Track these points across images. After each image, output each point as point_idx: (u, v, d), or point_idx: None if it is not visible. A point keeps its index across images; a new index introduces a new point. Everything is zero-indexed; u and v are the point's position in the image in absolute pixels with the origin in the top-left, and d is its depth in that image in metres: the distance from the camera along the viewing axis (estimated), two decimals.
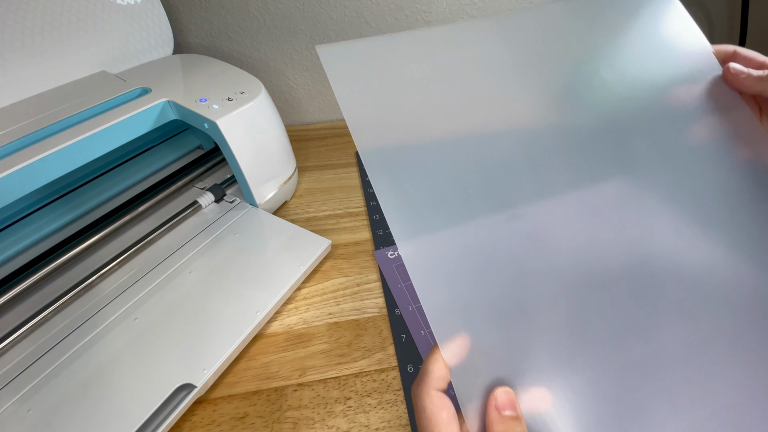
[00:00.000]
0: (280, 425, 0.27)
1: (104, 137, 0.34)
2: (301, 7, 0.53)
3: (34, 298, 0.33)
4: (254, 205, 0.41)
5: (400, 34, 0.22)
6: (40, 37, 0.37)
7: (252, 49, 0.55)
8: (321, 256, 0.37)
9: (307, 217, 0.44)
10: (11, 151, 0.30)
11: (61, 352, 0.29)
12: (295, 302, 0.35)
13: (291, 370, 0.30)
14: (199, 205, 0.41)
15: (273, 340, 0.32)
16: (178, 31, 0.52)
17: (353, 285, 0.37)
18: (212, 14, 0.52)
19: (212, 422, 0.28)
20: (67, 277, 0.35)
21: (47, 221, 0.38)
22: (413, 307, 0.34)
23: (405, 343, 0.32)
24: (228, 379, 0.30)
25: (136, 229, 0.40)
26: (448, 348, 0.17)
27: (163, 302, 0.33)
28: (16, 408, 0.26)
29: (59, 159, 0.31)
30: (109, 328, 0.31)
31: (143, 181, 0.44)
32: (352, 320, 0.34)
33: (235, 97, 0.38)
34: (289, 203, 0.46)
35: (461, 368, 0.17)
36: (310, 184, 0.49)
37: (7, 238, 0.36)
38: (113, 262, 0.35)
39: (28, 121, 0.33)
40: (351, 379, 0.30)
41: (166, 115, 0.38)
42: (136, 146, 0.46)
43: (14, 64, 0.36)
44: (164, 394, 0.27)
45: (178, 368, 0.28)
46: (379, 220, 0.43)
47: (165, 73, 0.42)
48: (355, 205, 0.45)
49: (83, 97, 0.36)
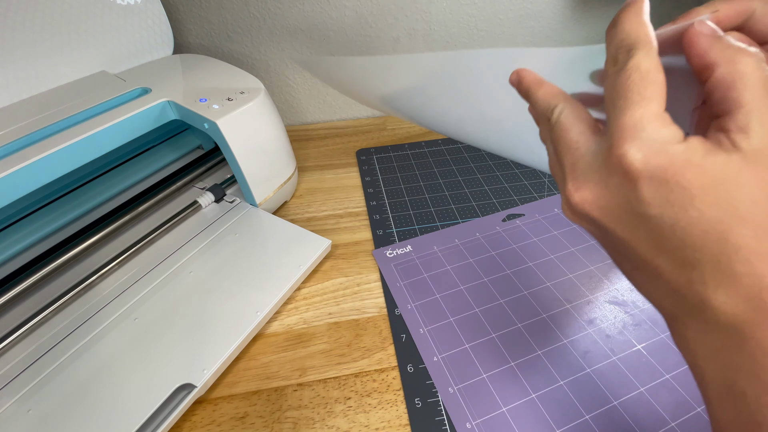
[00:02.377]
0: (280, 425, 0.27)
1: (104, 137, 0.34)
2: (301, 7, 0.53)
3: (34, 298, 0.33)
4: (254, 205, 0.41)
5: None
6: (40, 37, 0.37)
7: (252, 49, 0.55)
8: (321, 256, 0.37)
9: (307, 217, 0.44)
10: (11, 151, 0.30)
11: (61, 352, 0.29)
12: (295, 302, 0.35)
13: (291, 370, 0.30)
14: (199, 205, 0.41)
15: (273, 340, 0.32)
16: (178, 31, 0.52)
17: (353, 285, 0.37)
18: (212, 14, 0.52)
19: (212, 422, 0.28)
20: (67, 277, 0.35)
21: (47, 221, 0.38)
22: (412, 306, 0.34)
23: (405, 343, 0.32)
24: (228, 379, 0.30)
25: (136, 229, 0.40)
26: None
27: (163, 302, 0.33)
28: (16, 408, 0.26)
29: (59, 159, 0.31)
30: (109, 328, 0.31)
31: (143, 181, 0.44)
32: (352, 320, 0.34)
33: (235, 97, 0.38)
34: (289, 203, 0.46)
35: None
36: (310, 184, 0.49)
37: (7, 238, 0.36)
38: (113, 262, 0.35)
39: (28, 121, 0.33)
40: (351, 379, 0.30)
41: (166, 115, 0.38)
42: (136, 146, 0.46)
43: (14, 64, 0.36)
44: (164, 394, 0.27)
45: (178, 368, 0.28)
46: (378, 220, 0.43)
47: (165, 73, 0.42)
48: (355, 205, 0.45)
49: (83, 97, 0.36)
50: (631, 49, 0.15)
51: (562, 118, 0.18)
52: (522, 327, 0.32)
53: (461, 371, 0.30)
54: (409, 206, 0.45)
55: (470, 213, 0.43)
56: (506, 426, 0.27)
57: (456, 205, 0.44)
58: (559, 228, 0.41)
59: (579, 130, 0.17)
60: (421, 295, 0.35)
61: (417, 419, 0.27)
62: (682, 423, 0.26)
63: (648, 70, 0.15)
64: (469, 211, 0.44)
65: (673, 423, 0.26)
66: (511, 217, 0.43)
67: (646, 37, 0.16)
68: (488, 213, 0.43)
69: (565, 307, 0.33)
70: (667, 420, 0.26)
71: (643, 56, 0.15)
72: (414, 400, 0.28)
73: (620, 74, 0.15)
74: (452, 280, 0.36)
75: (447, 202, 0.45)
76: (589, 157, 0.17)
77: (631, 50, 0.15)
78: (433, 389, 0.29)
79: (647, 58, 0.15)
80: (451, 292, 0.35)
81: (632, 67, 0.15)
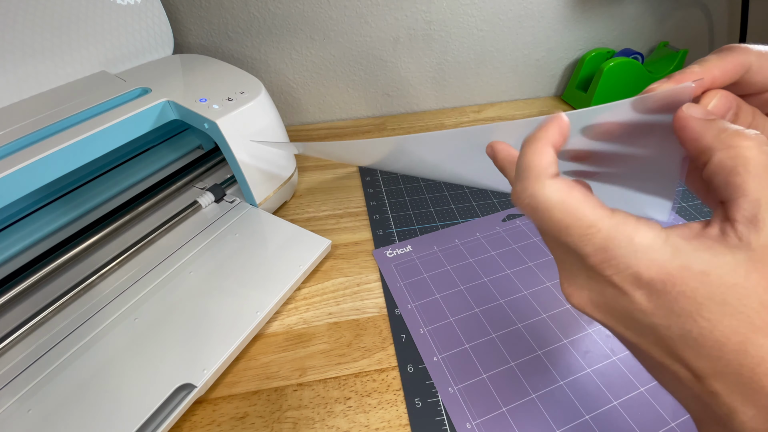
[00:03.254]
0: (280, 425, 0.27)
1: (104, 137, 0.34)
2: (301, 7, 0.53)
3: (34, 298, 0.33)
4: (254, 205, 0.41)
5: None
6: (40, 37, 0.37)
7: (252, 49, 0.55)
8: (321, 256, 0.37)
9: (307, 217, 0.44)
10: (11, 151, 0.30)
11: (61, 352, 0.29)
12: (295, 302, 0.35)
13: (291, 370, 0.30)
14: (199, 205, 0.41)
15: (273, 340, 0.32)
16: (178, 31, 0.52)
17: (353, 285, 0.37)
18: (212, 14, 0.52)
19: (212, 422, 0.28)
20: (67, 277, 0.35)
21: (47, 221, 0.38)
22: (412, 306, 0.34)
23: (405, 343, 0.32)
24: (228, 379, 0.30)
25: (136, 229, 0.40)
26: (549, 129, 0.15)
27: (163, 302, 0.33)
28: (16, 408, 0.26)
29: (59, 159, 0.31)
30: (109, 328, 0.31)
31: (143, 181, 0.44)
32: (352, 320, 0.34)
33: (235, 97, 0.38)
34: (289, 203, 0.46)
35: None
36: (310, 184, 0.49)
37: (7, 238, 0.36)
38: (113, 262, 0.35)
39: (28, 121, 0.33)
40: (351, 379, 0.30)
41: (166, 115, 0.38)
42: (136, 146, 0.46)
43: (14, 64, 0.36)
44: (164, 394, 0.27)
45: (178, 368, 0.28)
46: (378, 220, 0.43)
47: (165, 73, 0.42)
48: (355, 205, 0.45)
49: (83, 97, 0.36)
50: (521, 179, 0.15)
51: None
52: (522, 327, 0.32)
53: (461, 371, 0.30)
54: (409, 206, 0.45)
55: (470, 213, 0.43)
56: (506, 426, 0.27)
57: (456, 205, 0.44)
58: None
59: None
60: (421, 295, 0.35)
61: (417, 419, 0.27)
62: (682, 423, 0.26)
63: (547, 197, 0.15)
64: (469, 211, 0.44)
65: (673, 423, 0.26)
66: (511, 217, 0.43)
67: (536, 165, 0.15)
68: (488, 213, 0.43)
69: (565, 307, 0.33)
70: (667, 420, 0.26)
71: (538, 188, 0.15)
72: (414, 400, 0.28)
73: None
74: (452, 280, 0.36)
75: (447, 202, 0.45)
76: (573, 257, 0.15)
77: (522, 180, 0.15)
78: (433, 389, 0.29)
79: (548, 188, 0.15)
80: (451, 292, 0.35)
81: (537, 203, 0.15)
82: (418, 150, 0.26)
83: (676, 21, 0.63)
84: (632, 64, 0.57)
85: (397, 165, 0.32)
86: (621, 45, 0.63)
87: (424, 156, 0.27)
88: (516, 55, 0.62)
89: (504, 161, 0.19)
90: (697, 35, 0.65)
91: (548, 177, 0.15)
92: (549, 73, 0.65)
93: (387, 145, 0.27)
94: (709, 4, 0.62)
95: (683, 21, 0.63)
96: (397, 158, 0.30)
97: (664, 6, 0.61)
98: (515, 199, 0.16)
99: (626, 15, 0.61)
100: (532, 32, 0.60)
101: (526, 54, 0.62)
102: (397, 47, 0.58)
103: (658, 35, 0.64)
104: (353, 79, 0.60)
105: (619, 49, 0.63)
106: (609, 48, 0.61)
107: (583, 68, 0.61)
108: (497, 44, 0.60)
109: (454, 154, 0.25)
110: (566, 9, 0.58)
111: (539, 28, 0.59)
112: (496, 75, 0.63)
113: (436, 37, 0.58)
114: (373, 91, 0.62)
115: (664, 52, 0.62)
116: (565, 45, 0.62)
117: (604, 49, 0.61)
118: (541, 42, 0.61)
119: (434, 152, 0.26)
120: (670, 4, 0.61)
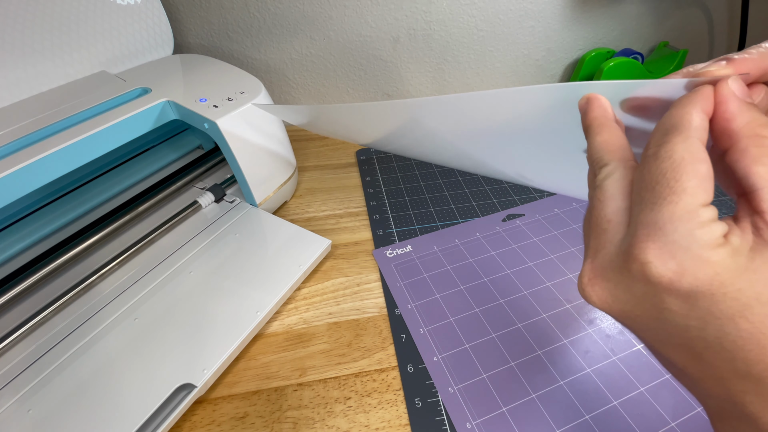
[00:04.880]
0: (280, 425, 0.27)
1: (104, 137, 0.34)
2: (301, 7, 0.53)
3: (34, 298, 0.33)
4: (254, 205, 0.41)
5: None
6: (40, 37, 0.37)
7: (252, 49, 0.55)
8: (321, 256, 0.37)
9: (307, 217, 0.44)
10: (11, 151, 0.30)
11: (61, 352, 0.29)
12: (295, 302, 0.35)
13: (291, 370, 0.30)
14: (199, 205, 0.41)
15: (273, 340, 0.32)
16: (178, 31, 0.52)
17: (353, 285, 0.37)
18: (212, 14, 0.52)
19: (212, 422, 0.28)
20: (67, 277, 0.35)
21: (47, 221, 0.38)
22: (412, 306, 0.34)
23: (405, 343, 0.32)
24: (228, 379, 0.30)
25: (136, 229, 0.40)
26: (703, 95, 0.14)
27: (163, 302, 0.33)
28: (16, 408, 0.26)
29: (59, 159, 0.31)
30: (109, 328, 0.31)
31: (143, 181, 0.44)
32: (352, 320, 0.34)
33: (235, 97, 0.38)
34: (289, 203, 0.46)
35: None
36: (310, 184, 0.49)
37: (7, 238, 0.36)
38: (113, 262, 0.35)
39: (28, 121, 0.33)
40: (351, 379, 0.30)
41: (166, 115, 0.38)
42: (136, 146, 0.46)
43: (14, 64, 0.36)
44: (164, 394, 0.27)
45: (178, 368, 0.28)
46: (378, 220, 0.43)
47: (165, 73, 0.42)
48: (355, 205, 0.45)
49: (83, 97, 0.36)
50: (668, 132, 0.14)
51: (606, 183, 0.15)
52: (522, 327, 0.32)
53: (461, 371, 0.30)
54: (409, 206, 0.45)
55: (470, 213, 0.43)
56: (506, 426, 0.27)
57: (456, 205, 0.44)
58: (559, 228, 0.41)
59: (617, 207, 0.15)
60: (421, 295, 0.35)
61: (417, 419, 0.27)
62: (682, 423, 0.26)
63: (683, 159, 0.13)
64: (469, 211, 0.44)
65: (673, 423, 0.26)
66: (511, 217, 0.43)
67: (687, 122, 0.14)
68: (488, 213, 0.43)
69: (565, 307, 0.33)
70: (667, 420, 0.26)
71: (680, 142, 0.13)
72: (414, 400, 0.28)
73: (650, 161, 0.14)
74: (452, 280, 0.36)
75: (447, 202, 0.45)
76: (612, 248, 0.14)
77: (667, 134, 0.14)
78: (433, 389, 0.29)
79: (684, 144, 0.13)
80: (451, 292, 0.35)
81: (665, 154, 0.13)
82: (446, 117, 0.24)
83: (676, 21, 0.63)
84: (632, 64, 0.57)
85: (405, 140, 0.29)
86: (621, 45, 0.64)
87: (447, 127, 0.24)
88: (516, 55, 0.62)
89: (601, 118, 0.16)
90: (697, 35, 0.65)
91: (697, 139, 0.14)
92: (549, 73, 0.65)
93: (409, 108, 0.24)
94: (709, 4, 0.62)
95: (683, 21, 0.63)
96: (412, 129, 0.27)
97: (664, 6, 0.61)
98: (656, 146, 0.14)
99: (626, 15, 0.61)
100: (532, 32, 0.60)
101: (526, 54, 0.62)
102: (397, 47, 0.58)
103: (658, 35, 0.64)
104: (353, 79, 0.60)
105: (619, 49, 0.63)
106: (609, 48, 0.61)
107: (583, 68, 0.61)
108: (497, 44, 0.60)
109: (498, 124, 0.22)
110: (566, 9, 0.58)
111: (539, 28, 0.59)
112: (496, 75, 0.63)
113: (436, 37, 0.58)
114: (373, 91, 0.62)
115: (664, 52, 0.62)
116: (565, 45, 0.62)
117: (604, 49, 0.61)
118: (541, 42, 0.61)
119: (468, 121, 0.23)
120: (670, 4, 0.61)
